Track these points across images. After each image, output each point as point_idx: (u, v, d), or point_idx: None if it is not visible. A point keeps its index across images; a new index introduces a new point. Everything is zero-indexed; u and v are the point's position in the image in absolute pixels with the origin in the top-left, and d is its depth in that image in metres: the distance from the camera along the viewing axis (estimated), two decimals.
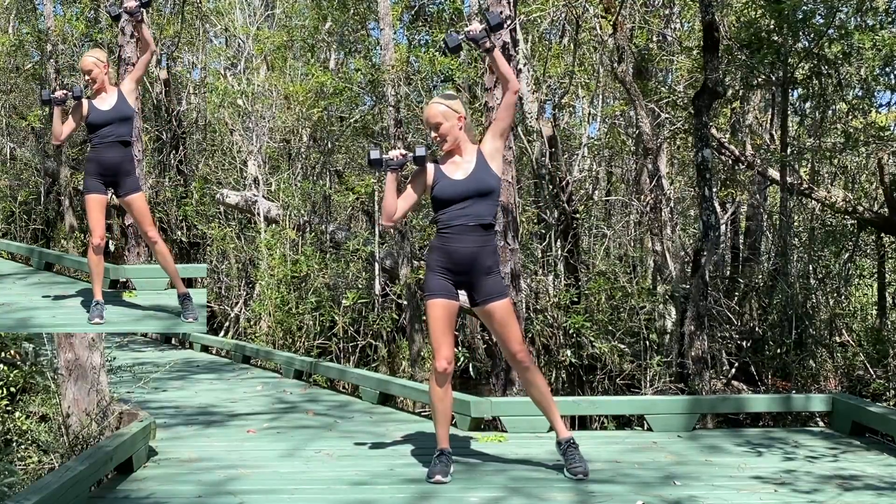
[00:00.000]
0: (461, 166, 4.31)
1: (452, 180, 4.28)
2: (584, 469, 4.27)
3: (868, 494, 4.03)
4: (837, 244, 10.01)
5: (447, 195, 4.26)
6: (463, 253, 4.23)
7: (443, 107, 4.30)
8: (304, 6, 15.24)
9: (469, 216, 4.23)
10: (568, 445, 4.36)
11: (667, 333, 9.38)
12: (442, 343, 4.21)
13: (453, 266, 4.25)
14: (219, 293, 13.05)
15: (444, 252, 4.26)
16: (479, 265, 4.25)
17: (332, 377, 7.74)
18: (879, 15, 9.66)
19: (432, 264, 4.30)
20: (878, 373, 8.61)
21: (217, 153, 15.21)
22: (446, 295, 4.25)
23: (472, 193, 4.24)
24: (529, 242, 10.19)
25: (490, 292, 4.28)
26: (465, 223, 4.23)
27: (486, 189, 4.26)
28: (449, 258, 4.25)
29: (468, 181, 4.26)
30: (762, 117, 12.60)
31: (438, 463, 4.28)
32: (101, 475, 4.08)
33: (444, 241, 4.27)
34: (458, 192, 4.25)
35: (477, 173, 4.28)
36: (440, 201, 4.29)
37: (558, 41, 12.75)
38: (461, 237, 4.23)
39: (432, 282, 4.27)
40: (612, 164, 14.81)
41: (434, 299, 4.24)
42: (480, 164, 4.30)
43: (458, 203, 4.24)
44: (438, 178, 4.32)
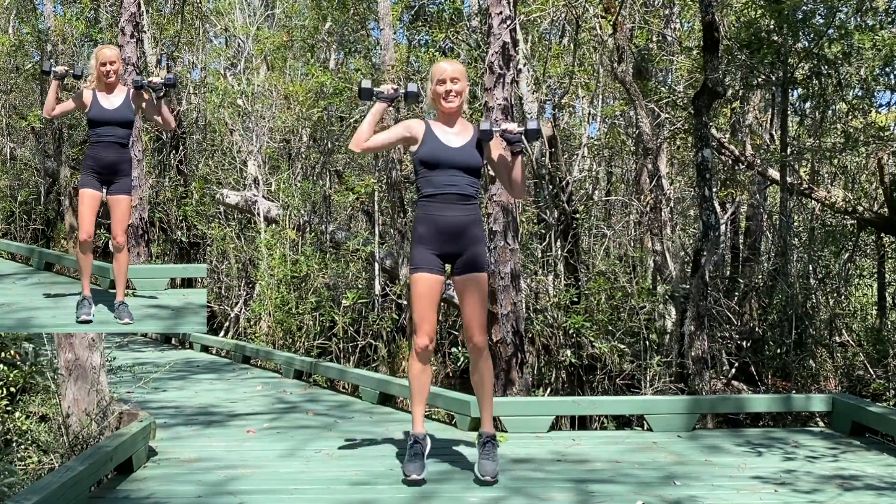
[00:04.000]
0: (453, 136, 4.22)
1: (444, 145, 4.18)
2: (492, 470, 4.14)
3: (868, 494, 4.03)
4: (837, 244, 10.01)
5: (436, 158, 4.15)
6: (448, 222, 4.15)
7: (460, 66, 4.25)
8: (304, 6, 15.25)
9: (454, 186, 4.14)
10: (487, 440, 4.25)
11: (667, 333, 9.38)
12: (424, 318, 4.14)
13: (439, 236, 4.16)
14: (219, 293, 13.05)
15: (428, 222, 4.17)
16: (464, 234, 4.18)
17: (332, 377, 7.73)
18: (879, 15, 9.67)
19: (418, 236, 4.21)
20: (878, 373, 8.62)
21: (217, 153, 15.21)
22: (431, 269, 4.16)
23: (461, 165, 4.15)
24: (529, 242, 10.19)
25: (473, 263, 4.20)
26: (450, 192, 4.14)
27: (474, 165, 4.19)
28: (434, 227, 4.16)
29: (460, 152, 4.17)
30: (762, 117, 12.61)
31: (413, 458, 4.18)
32: (101, 475, 4.08)
33: (428, 210, 4.17)
34: (448, 158, 4.15)
35: (469, 147, 4.19)
36: (427, 163, 4.17)
37: (558, 41, 12.76)
38: (445, 206, 4.14)
39: (417, 255, 4.19)
40: (612, 164, 14.82)
41: (418, 273, 4.16)
42: (472, 143, 4.22)
43: (445, 170, 4.15)
44: (428, 138, 4.21)
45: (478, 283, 4.22)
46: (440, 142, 4.18)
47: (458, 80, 4.18)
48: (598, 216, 13.72)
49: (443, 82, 4.18)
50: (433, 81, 4.21)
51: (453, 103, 4.19)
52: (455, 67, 4.21)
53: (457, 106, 4.21)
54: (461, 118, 4.30)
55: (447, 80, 4.17)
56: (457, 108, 4.22)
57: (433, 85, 4.22)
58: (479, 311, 4.24)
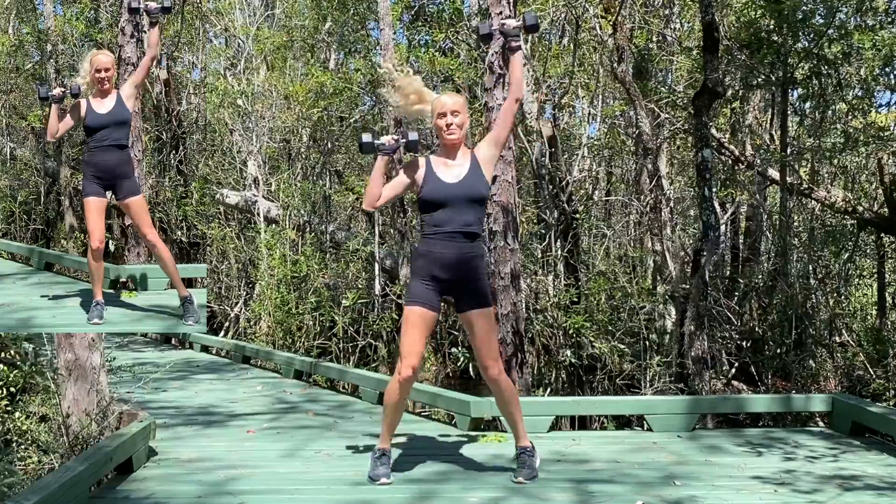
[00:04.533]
0: (453, 169, 4.22)
1: (443, 182, 4.18)
2: (528, 475, 4.25)
3: (868, 494, 4.03)
4: (837, 244, 10.01)
5: (436, 198, 4.17)
6: (449, 259, 4.14)
7: (461, 99, 4.30)
8: (304, 6, 15.24)
9: (456, 223, 4.14)
10: (522, 452, 4.33)
11: (667, 333, 9.38)
12: (411, 350, 4.13)
13: (439, 273, 4.16)
14: (219, 293, 13.05)
15: (429, 258, 4.17)
16: (464, 272, 4.17)
17: (332, 377, 7.73)
18: (879, 15, 9.67)
19: (417, 271, 4.22)
20: (878, 373, 8.61)
21: (217, 153, 15.20)
22: (426, 304, 4.16)
23: (462, 199, 4.15)
24: (529, 242, 10.19)
25: (474, 301, 4.20)
26: (453, 230, 4.14)
27: (476, 196, 4.19)
28: (435, 264, 4.16)
29: (459, 186, 4.17)
30: (762, 117, 12.60)
31: (380, 465, 4.26)
32: (101, 475, 4.08)
33: (430, 246, 4.17)
34: (448, 196, 4.15)
35: (469, 179, 4.20)
36: (428, 203, 4.19)
37: (558, 41, 12.75)
38: (447, 244, 4.14)
39: (415, 289, 4.20)
40: (612, 164, 14.81)
41: (412, 306, 4.17)
42: (473, 169, 4.22)
43: (447, 208, 4.15)
44: (429, 179, 4.21)
45: (482, 319, 4.23)
46: (440, 181, 4.20)
47: (459, 112, 4.22)
48: (598, 216, 13.70)
49: (443, 115, 4.22)
50: (434, 115, 4.27)
51: (454, 135, 4.23)
52: (455, 100, 4.26)
53: (458, 138, 4.25)
54: (463, 148, 4.31)
55: (447, 113, 4.21)
56: (458, 140, 4.26)
57: (434, 119, 4.27)
58: (488, 345, 4.24)
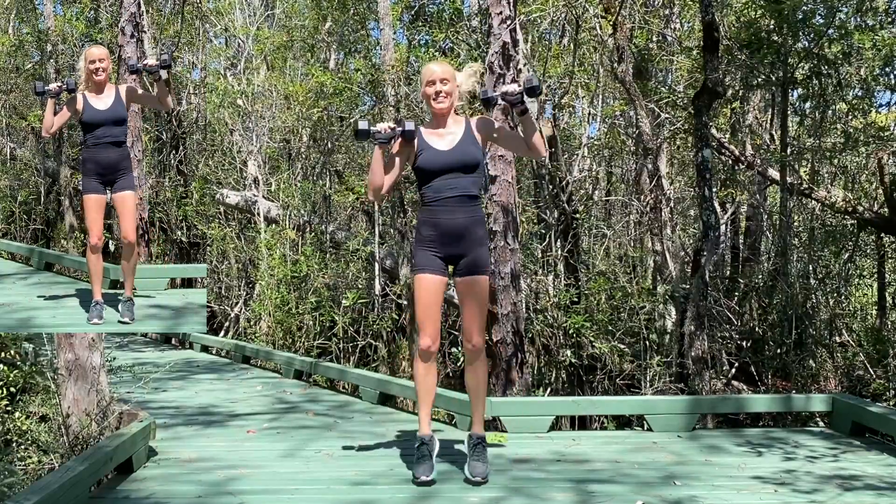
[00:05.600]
0: (445, 137, 4.24)
1: (437, 150, 4.21)
2: (482, 471, 4.19)
3: (868, 494, 4.03)
4: (837, 244, 10.01)
5: (431, 166, 4.19)
6: (451, 225, 4.17)
7: (449, 67, 4.29)
8: (304, 6, 15.25)
9: (455, 188, 4.17)
10: (478, 442, 4.30)
11: (667, 333, 9.38)
12: (427, 320, 4.17)
13: (442, 238, 4.19)
14: (219, 293, 13.05)
15: (432, 225, 4.20)
16: (468, 236, 4.20)
17: (332, 377, 7.73)
18: (879, 15, 9.67)
19: (421, 238, 4.24)
20: (878, 373, 8.62)
21: (217, 153, 15.21)
22: (434, 270, 4.19)
23: (457, 165, 4.18)
24: (529, 242, 10.18)
25: (473, 266, 4.23)
26: (451, 195, 4.17)
27: (471, 161, 4.20)
28: (437, 230, 4.18)
29: (453, 152, 4.20)
30: (762, 117, 12.59)
31: (421, 460, 4.21)
32: (101, 475, 4.08)
33: (431, 214, 4.20)
34: (443, 163, 4.18)
35: (462, 145, 4.22)
36: (424, 172, 4.22)
37: (558, 41, 12.75)
38: (448, 209, 4.17)
39: (420, 256, 4.22)
40: (612, 164, 14.80)
41: (421, 274, 4.19)
42: (467, 135, 4.24)
43: (443, 174, 4.18)
44: (422, 148, 4.23)
45: (479, 285, 4.25)
46: (433, 149, 4.22)
47: (447, 80, 4.22)
48: (598, 216, 13.71)
49: (432, 83, 4.22)
50: (423, 83, 4.27)
51: (443, 104, 4.23)
52: (443, 68, 4.25)
53: (447, 106, 4.24)
54: (454, 115, 4.31)
55: (436, 80, 4.22)
56: (447, 108, 4.25)
57: (423, 87, 4.26)
58: (479, 314, 4.26)
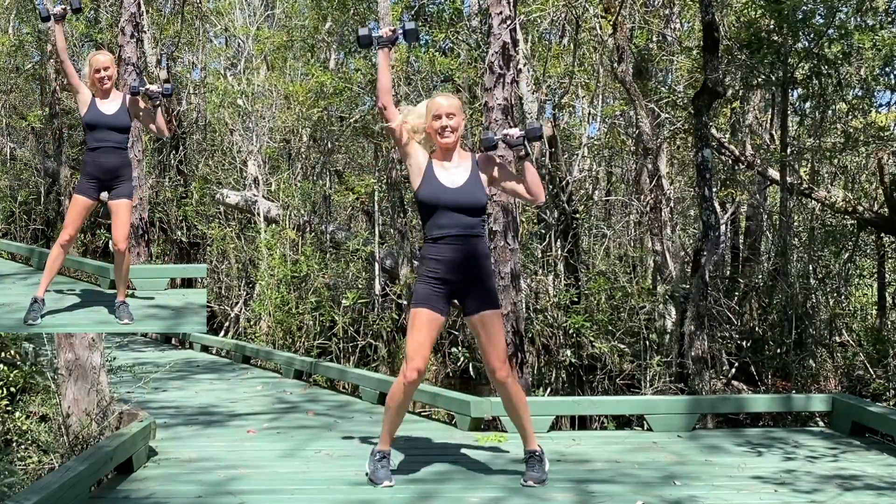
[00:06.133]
0: (452, 172, 4.18)
1: (442, 186, 4.15)
2: (537, 478, 4.19)
3: (868, 494, 4.03)
4: (837, 244, 10.02)
5: (434, 201, 4.13)
6: (456, 261, 4.12)
7: (456, 101, 4.24)
8: (304, 6, 15.24)
9: (458, 226, 4.12)
10: (531, 455, 4.29)
11: (667, 333, 9.38)
12: (417, 353, 4.12)
13: (446, 275, 4.13)
14: (219, 293, 13.05)
15: (436, 262, 4.14)
16: (472, 273, 4.16)
17: (332, 377, 7.73)
18: (879, 15, 9.68)
19: (424, 274, 4.19)
20: (878, 373, 8.62)
21: (217, 153, 15.21)
22: (433, 307, 4.14)
23: (462, 207, 4.13)
24: (529, 242, 10.18)
25: (482, 302, 4.18)
26: (456, 233, 4.11)
27: (476, 205, 4.15)
28: (441, 267, 4.13)
29: (458, 193, 4.13)
30: (762, 117, 12.60)
31: (381, 468, 4.23)
32: (101, 475, 4.08)
33: (434, 251, 4.15)
34: (449, 201, 4.12)
35: (468, 186, 4.16)
36: (426, 205, 4.16)
37: (558, 41, 12.75)
38: (452, 246, 4.12)
39: (421, 291, 4.17)
40: (612, 164, 14.80)
41: (419, 308, 4.14)
42: (474, 176, 4.19)
43: (447, 212, 4.12)
44: (427, 178, 4.18)
45: (493, 320, 4.19)
46: (440, 183, 4.15)
47: (454, 115, 4.16)
48: (598, 216, 13.71)
49: (438, 117, 4.16)
50: (428, 116, 4.20)
51: (449, 139, 4.17)
52: (451, 102, 4.20)
53: (453, 141, 4.19)
54: (459, 150, 4.27)
55: (443, 115, 4.15)
56: (453, 143, 4.20)
57: (429, 120, 4.20)
58: (498, 346, 4.20)
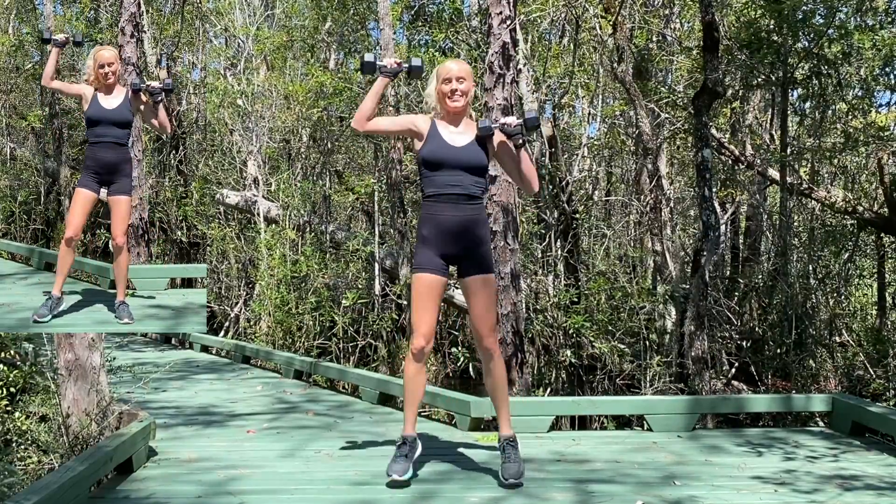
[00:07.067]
0: (457, 135, 4.18)
1: (448, 144, 4.13)
2: (515, 472, 4.11)
3: (868, 494, 4.03)
4: (837, 244, 10.02)
5: (438, 158, 4.11)
6: (451, 222, 4.10)
7: (467, 66, 4.21)
8: (304, 6, 15.24)
9: (458, 186, 4.10)
10: (507, 443, 4.24)
11: (667, 333, 9.38)
12: (422, 319, 4.08)
13: (442, 236, 4.12)
14: (219, 293, 13.05)
15: (432, 223, 4.13)
16: (468, 234, 4.14)
17: (332, 377, 7.73)
18: (879, 15, 9.69)
19: (421, 237, 4.17)
20: (878, 373, 8.62)
21: (217, 153, 15.21)
22: (434, 270, 4.11)
23: (465, 165, 4.11)
24: (529, 242, 10.19)
25: (477, 266, 4.16)
26: (453, 192, 4.10)
27: (479, 164, 4.14)
28: (437, 228, 4.12)
29: (464, 151, 4.12)
30: (762, 117, 12.61)
31: (399, 459, 4.15)
32: (101, 475, 4.08)
33: (431, 210, 4.13)
34: (451, 158, 4.10)
35: (474, 147, 4.15)
36: (430, 162, 4.13)
37: (558, 41, 12.75)
38: (449, 206, 4.10)
39: (421, 255, 4.14)
40: (612, 164, 14.82)
41: (420, 272, 4.12)
42: (477, 141, 4.17)
43: (448, 170, 4.11)
44: (432, 137, 4.16)
45: (485, 284, 4.18)
46: (444, 141, 4.14)
47: (464, 79, 4.14)
48: (598, 216, 13.71)
49: (448, 81, 4.14)
50: (439, 80, 4.18)
51: (458, 102, 4.15)
52: (461, 67, 4.17)
53: (462, 105, 4.16)
54: (466, 118, 4.25)
55: (453, 79, 4.13)
56: (462, 108, 4.18)
57: (438, 84, 4.18)
58: (489, 314, 4.19)
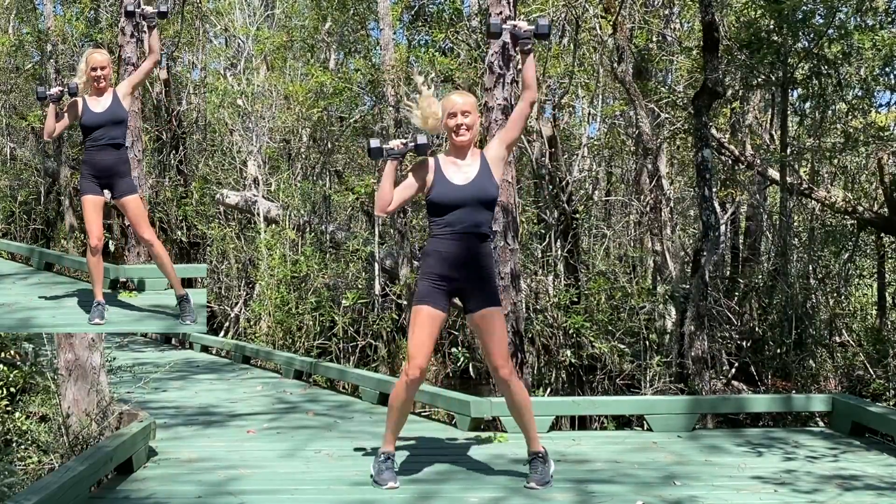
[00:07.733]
0: (463, 170, 4.18)
1: (453, 185, 4.14)
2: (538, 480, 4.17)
3: (868, 494, 4.03)
4: (837, 244, 10.02)
5: (446, 200, 4.13)
6: (459, 258, 4.11)
7: (472, 98, 4.24)
8: (304, 6, 15.25)
9: (466, 223, 4.11)
10: (535, 457, 4.27)
11: (667, 333, 9.38)
12: (419, 351, 4.10)
13: (448, 272, 4.12)
14: (219, 293, 13.04)
15: (439, 258, 4.13)
16: (474, 271, 4.15)
17: (332, 377, 7.74)
18: (879, 15, 9.68)
19: (426, 270, 4.18)
20: (878, 373, 8.62)
21: (217, 153, 15.20)
22: (434, 304, 4.13)
23: (472, 201, 4.12)
24: (529, 242, 10.18)
25: (484, 300, 4.16)
26: (462, 230, 4.11)
27: (487, 198, 4.14)
28: (444, 264, 4.12)
29: (469, 188, 4.13)
30: (762, 117, 12.60)
31: (385, 469, 4.21)
32: (101, 475, 4.08)
33: (439, 246, 4.14)
34: (458, 198, 4.11)
35: (479, 180, 4.15)
36: (438, 206, 4.15)
37: (558, 41, 12.74)
38: (457, 243, 4.11)
39: (423, 289, 4.16)
40: (612, 164, 14.81)
41: (420, 305, 4.13)
42: (483, 170, 4.17)
43: (457, 209, 4.11)
44: (438, 180, 4.17)
45: (495, 318, 4.18)
46: (449, 182, 4.15)
47: (469, 112, 4.16)
48: (598, 216, 13.71)
49: (454, 115, 4.16)
50: (444, 114, 4.20)
51: (464, 137, 4.17)
52: (466, 100, 4.18)
53: (468, 139, 4.19)
54: (473, 147, 4.26)
55: (458, 113, 4.15)
56: (468, 142, 4.20)
57: (444, 118, 4.20)
58: (500, 344, 4.18)
